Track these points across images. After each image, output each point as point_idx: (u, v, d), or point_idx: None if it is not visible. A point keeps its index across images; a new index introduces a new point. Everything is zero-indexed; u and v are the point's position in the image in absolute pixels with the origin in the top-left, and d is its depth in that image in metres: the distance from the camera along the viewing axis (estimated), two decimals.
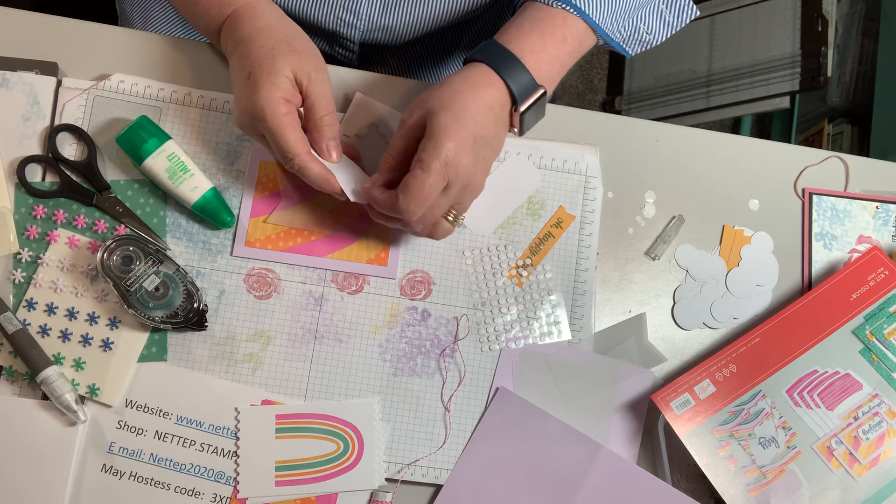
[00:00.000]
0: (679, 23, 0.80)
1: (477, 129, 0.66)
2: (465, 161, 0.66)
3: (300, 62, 0.68)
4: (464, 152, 0.65)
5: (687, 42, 1.83)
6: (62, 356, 0.73)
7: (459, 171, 0.66)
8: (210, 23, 0.74)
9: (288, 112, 0.67)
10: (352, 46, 0.91)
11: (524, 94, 0.69)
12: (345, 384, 0.76)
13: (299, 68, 0.68)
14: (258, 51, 0.68)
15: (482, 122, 0.67)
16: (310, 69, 0.68)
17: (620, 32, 0.77)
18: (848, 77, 1.64)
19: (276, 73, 0.67)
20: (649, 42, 0.80)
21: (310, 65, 0.68)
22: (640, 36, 0.79)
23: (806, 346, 0.77)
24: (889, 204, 0.84)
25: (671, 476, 0.76)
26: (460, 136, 0.65)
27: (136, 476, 0.73)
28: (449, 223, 0.71)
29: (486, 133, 0.67)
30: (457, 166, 0.65)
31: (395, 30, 0.88)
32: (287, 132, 0.67)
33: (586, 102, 1.94)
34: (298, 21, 0.88)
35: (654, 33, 0.80)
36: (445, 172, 0.65)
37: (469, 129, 0.66)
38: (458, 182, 0.67)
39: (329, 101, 0.70)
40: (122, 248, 0.72)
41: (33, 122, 0.76)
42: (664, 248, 0.82)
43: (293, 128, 0.67)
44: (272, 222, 0.77)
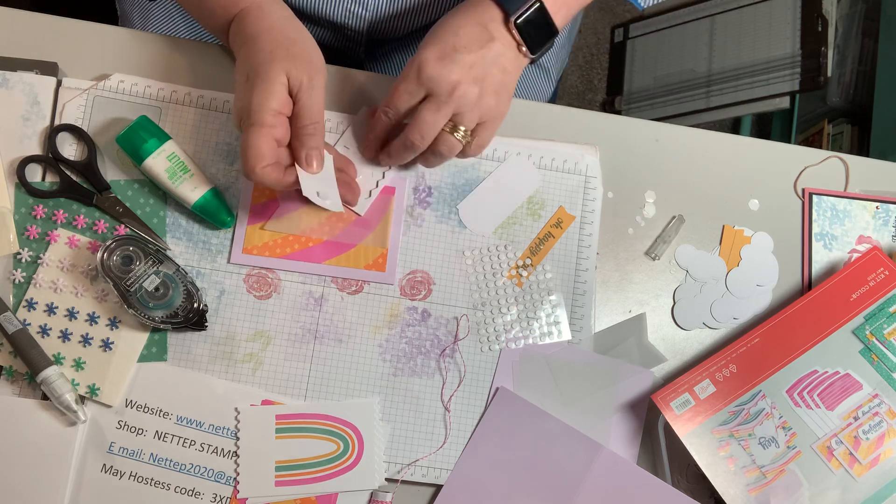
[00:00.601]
0: None
1: (456, 39, 0.67)
2: (441, 67, 0.66)
3: (295, 68, 0.67)
4: (439, 59, 0.66)
5: (687, 42, 1.83)
6: (62, 356, 0.73)
7: (436, 77, 0.66)
8: (217, 22, 0.74)
9: (274, 124, 0.66)
10: (359, 39, 0.91)
11: (513, 3, 0.68)
12: (345, 384, 0.76)
13: (293, 75, 0.67)
14: (257, 54, 0.68)
15: (463, 34, 0.67)
16: (304, 76, 0.67)
17: None
18: (848, 77, 1.64)
19: (271, 80, 0.66)
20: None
21: (305, 72, 0.67)
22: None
23: (806, 346, 0.77)
24: (889, 204, 0.84)
25: (671, 476, 0.76)
26: (437, 46, 0.67)
27: (136, 476, 0.73)
28: (455, 139, 0.70)
29: (469, 43, 0.67)
30: (430, 72, 0.66)
31: (401, 20, 0.88)
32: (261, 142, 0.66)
33: (586, 102, 1.95)
34: (307, 14, 0.88)
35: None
36: (418, 78, 0.67)
37: (447, 40, 0.67)
38: (441, 89, 0.67)
39: (315, 111, 0.68)
40: (122, 248, 0.72)
41: (33, 122, 0.76)
42: (664, 248, 0.82)
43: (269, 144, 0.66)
44: (269, 229, 0.77)
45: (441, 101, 0.67)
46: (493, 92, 0.69)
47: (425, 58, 0.67)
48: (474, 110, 0.69)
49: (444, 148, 0.71)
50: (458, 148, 0.71)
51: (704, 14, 1.82)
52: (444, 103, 0.67)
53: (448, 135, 0.70)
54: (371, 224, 0.78)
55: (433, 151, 0.72)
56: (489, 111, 0.70)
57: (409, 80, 0.68)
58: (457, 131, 0.70)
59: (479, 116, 0.70)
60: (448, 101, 0.67)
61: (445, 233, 0.79)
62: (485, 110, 0.69)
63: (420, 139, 0.70)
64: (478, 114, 0.69)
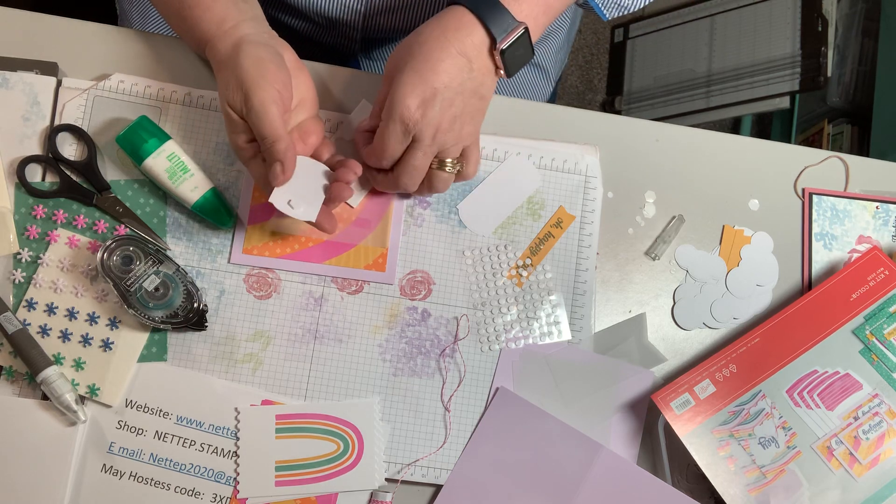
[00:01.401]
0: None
1: (438, 78, 0.66)
2: (425, 115, 0.67)
3: (231, 98, 0.68)
4: (423, 106, 0.66)
5: (687, 42, 1.83)
6: (62, 356, 0.73)
7: (421, 123, 0.67)
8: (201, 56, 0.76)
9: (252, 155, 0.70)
10: (354, 35, 0.91)
11: (502, 31, 0.68)
12: (345, 384, 0.76)
13: (232, 105, 0.68)
14: None
15: (446, 70, 0.67)
16: (238, 102, 0.67)
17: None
18: (848, 77, 1.64)
19: (226, 118, 0.70)
20: (627, 7, 0.80)
21: (237, 97, 0.67)
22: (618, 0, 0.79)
23: (806, 346, 0.77)
24: (889, 204, 0.84)
25: (671, 476, 0.76)
26: (417, 89, 0.66)
27: (136, 476, 0.73)
28: (446, 173, 0.72)
29: (452, 81, 0.67)
30: (417, 120, 0.67)
31: (395, 14, 0.87)
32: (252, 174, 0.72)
33: (586, 102, 1.95)
34: (300, 10, 0.88)
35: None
36: (404, 128, 0.67)
37: (429, 80, 0.66)
38: (426, 134, 0.68)
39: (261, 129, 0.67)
40: (122, 248, 0.72)
41: (33, 122, 0.76)
42: (664, 248, 0.82)
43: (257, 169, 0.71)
44: (269, 229, 0.77)
45: (426, 145, 0.68)
46: (470, 119, 0.70)
47: (408, 106, 0.66)
48: (457, 143, 0.71)
49: (440, 184, 0.73)
50: (452, 179, 0.73)
51: (704, 14, 1.82)
52: (429, 146, 0.69)
53: (439, 172, 0.72)
54: (371, 224, 0.78)
55: (429, 188, 0.73)
56: (469, 137, 0.71)
57: (397, 132, 0.68)
58: (445, 165, 0.71)
59: (461, 146, 0.72)
60: (432, 144, 0.69)
61: (445, 233, 0.79)
62: (465, 138, 0.71)
63: (411, 182, 0.71)
64: (460, 145, 0.71)
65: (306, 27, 0.93)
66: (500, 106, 0.81)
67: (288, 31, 0.96)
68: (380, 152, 0.70)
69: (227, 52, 0.70)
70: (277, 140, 0.66)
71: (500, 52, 0.68)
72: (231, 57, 0.69)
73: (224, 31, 0.71)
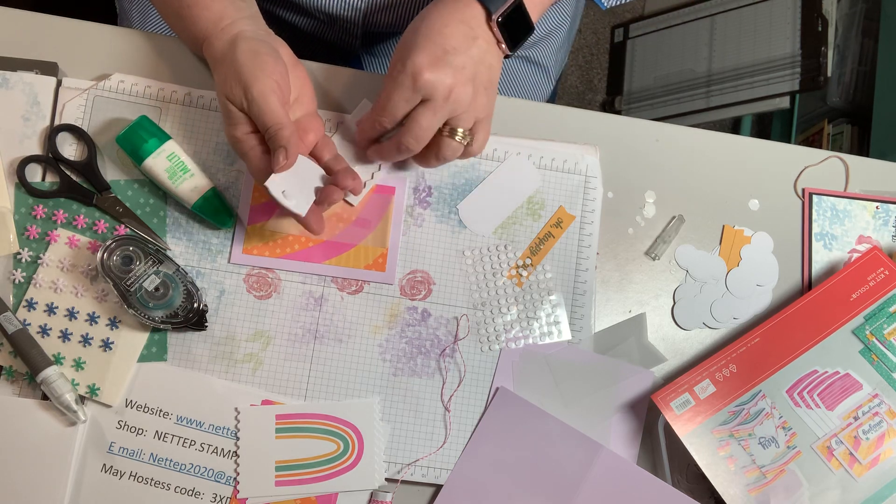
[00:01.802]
0: None
1: (445, 40, 0.66)
2: (437, 72, 0.65)
3: (230, 91, 0.68)
4: (434, 64, 0.65)
5: (687, 42, 1.83)
6: (62, 356, 0.73)
7: (433, 83, 0.65)
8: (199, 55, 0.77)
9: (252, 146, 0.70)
10: (355, 31, 0.91)
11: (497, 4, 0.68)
12: (345, 384, 0.76)
13: (232, 98, 0.69)
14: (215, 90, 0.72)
15: (451, 34, 0.67)
16: (239, 96, 0.68)
17: None
18: (848, 77, 1.64)
19: (224, 112, 0.70)
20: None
21: (238, 91, 0.68)
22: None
23: (806, 346, 0.77)
24: (889, 204, 0.84)
25: (671, 476, 0.76)
26: (428, 49, 0.66)
27: (136, 476, 0.73)
28: (456, 142, 0.70)
29: (458, 44, 0.67)
30: (427, 79, 0.65)
31: (395, 11, 0.88)
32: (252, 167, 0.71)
33: (586, 102, 1.95)
34: (301, 6, 0.88)
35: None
36: (414, 85, 0.66)
37: (437, 41, 0.66)
38: (437, 94, 0.66)
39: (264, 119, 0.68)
40: (122, 248, 0.72)
41: (33, 122, 0.76)
42: (664, 248, 0.82)
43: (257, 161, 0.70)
44: (269, 229, 0.77)
45: (438, 105, 0.67)
46: (483, 90, 0.69)
47: (419, 63, 0.65)
48: (470, 111, 0.69)
49: (448, 152, 0.71)
50: (460, 150, 0.71)
51: (704, 14, 1.82)
52: (441, 107, 0.67)
53: (449, 139, 0.70)
54: (371, 224, 0.78)
55: (437, 156, 0.71)
56: (483, 109, 0.70)
57: (405, 87, 0.66)
58: (455, 134, 0.70)
59: (474, 116, 0.70)
60: (444, 105, 0.67)
61: (445, 233, 0.79)
62: (479, 109, 0.70)
63: (416, 143, 0.69)
64: (473, 114, 0.70)
65: (308, 23, 0.94)
66: (500, 106, 0.81)
67: (290, 27, 0.96)
68: (383, 109, 0.68)
69: (223, 49, 0.70)
70: (282, 127, 0.67)
71: (496, 23, 0.69)
72: (227, 52, 0.70)
73: (221, 28, 0.71)
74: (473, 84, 0.68)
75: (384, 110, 0.68)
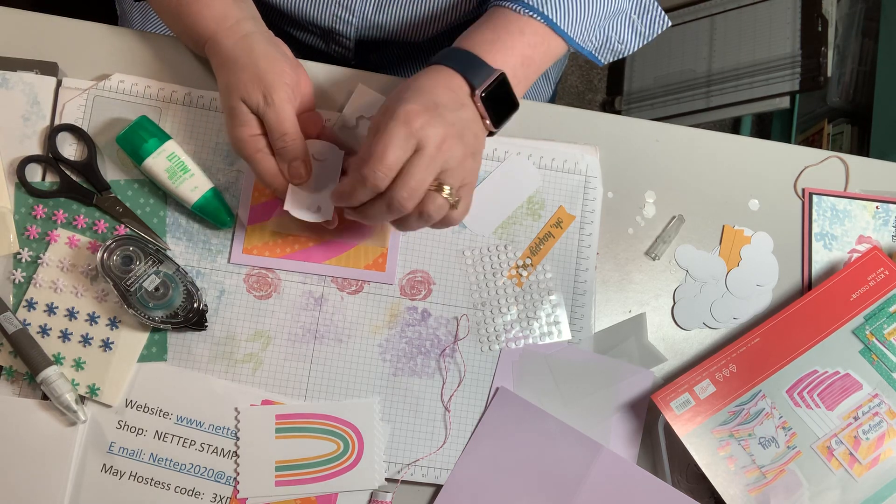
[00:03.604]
0: (651, 33, 0.81)
1: (436, 97, 0.65)
2: (430, 120, 0.62)
3: (247, 93, 0.68)
4: (426, 112, 0.62)
5: (687, 42, 1.83)
6: (62, 356, 0.73)
7: (426, 129, 0.62)
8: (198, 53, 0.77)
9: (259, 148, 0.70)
10: (347, 44, 0.91)
11: (478, 76, 0.67)
12: (345, 384, 0.76)
13: (248, 99, 0.68)
14: (220, 92, 0.71)
15: (441, 94, 0.65)
16: (257, 98, 0.68)
17: (592, 41, 0.77)
18: (848, 77, 1.64)
19: (235, 113, 0.69)
20: (621, 52, 0.81)
21: (257, 93, 0.68)
22: (611, 45, 0.79)
23: (806, 346, 0.77)
24: (889, 204, 0.84)
25: (671, 476, 0.76)
26: (420, 100, 0.63)
27: (136, 476, 0.73)
28: (443, 198, 0.64)
29: (448, 102, 0.65)
30: (421, 125, 0.62)
31: (388, 28, 0.88)
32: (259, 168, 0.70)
33: (586, 102, 1.95)
34: (295, 19, 0.88)
35: (625, 43, 0.80)
36: (409, 131, 0.62)
37: (427, 97, 0.64)
38: (430, 142, 0.62)
39: (281, 125, 0.68)
40: (122, 248, 0.72)
41: (33, 122, 0.76)
42: (664, 248, 0.82)
43: (265, 162, 0.70)
44: (269, 229, 0.77)
45: (431, 155, 0.62)
46: (471, 153, 0.66)
47: (412, 109, 0.62)
48: (458, 169, 0.65)
49: (433, 208, 0.64)
50: (446, 209, 0.65)
51: (704, 14, 1.81)
52: (434, 158, 0.63)
53: (436, 194, 0.64)
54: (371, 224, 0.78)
55: (419, 213, 0.65)
56: (469, 173, 0.67)
57: (399, 135, 0.62)
58: (443, 190, 0.64)
59: (461, 178, 0.66)
60: (436, 156, 0.63)
61: (445, 233, 0.79)
62: (466, 171, 0.66)
63: (409, 199, 0.63)
64: (461, 175, 0.65)
65: (301, 35, 0.94)
66: None
67: (283, 38, 0.96)
68: (379, 161, 0.62)
69: (234, 49, 0.70)
70: (296, 138, 0.69)
71: (479, 98, 0.67)
72: (242, 53, 0.70)
73: (227, 27, 0.71)
74: (462, 142, 0.65)
75: (379, 162, 0.62)
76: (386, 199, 0.64)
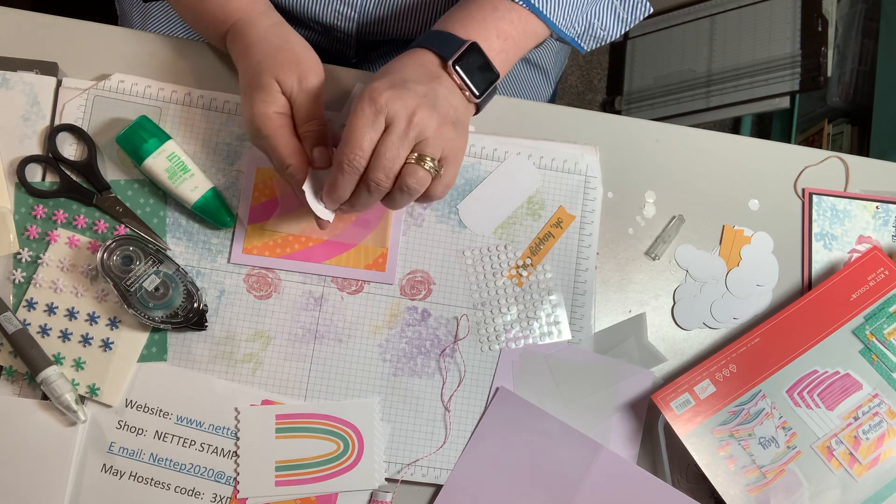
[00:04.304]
0: (633, 19, 0.80)
1: (405, 73, 0.65)
2: (397, 94, 0.63)
3: (283, 74, 0.68)
4: (393, 87, 0.63)
5: (687, 42, 1.83)
6: (62, 356, 0.73)
7: (393, 103, 0.62)
8: (214, 37, 0.77)
9: (282, 124, 0.69)
10: (349, 41, 0.91)
11: (448, 48, 0.68)
12: (345, 384, 0.76)
13: (283, 80, 0.69)
14: (247, 68, 0.70)
15: (410, 71, 0.66)
16: (292, 80, 0.68)
17: (574, 27, 0.77)
18: (848, 77, 1.64)
19: (265, 89, 0.68)
20: (604, 38, 0.80)
21: (293, 75, 0.69)
22: (594, 32, 0.79)
23: (806, 346, 0.77)
24: (889, 204, 0.84)
25: (671, 476, 0.76)
26: (386, 78, 0.64)
27: (136, 476, 0.73)
28: (424, 169, 0.64)
29: (418, 76, 0.66)
30: (387, 99, 0.62)
31: (388, 23, 0.88)
32: (279, 143, 0.68)
33: (586, 102, 1.94)
34: (295, 16, 0.88)
35: (608, 29, 0.80)
36: (375, 108, 0.62)
37: (395, 74, 0.65)
38: (399, 116, 0.62)
39: (311, 110, 0.69)
40: (122, 248, 0.72)
41: (33, 122, 0.76)
42: (664, 248, 0.82)
43: (286, 138, 0.68)
44: (269, 229, 0.77)
45: (401, 128, 0.63)
46: (450, 123, 0.65)
47: (376, 87, 0.63)
48: (435, 139, 0.64)
49: (413, 181, 0.64)
50: (428, 180, 0.65)
51: (704, 14, 1.81)
52: (405, 131, 0.63)
53: (415, 166, 0.64)
54: (371, 224, 0.78)
55: (400, 188, 0.65)
56: (450, 143, 0.65)
57: (365, 113, 0.63)
58: (423, 161, 0.64)
59: (441, 146, 0.65)
60: (409, 129, 0.63)
61: (445, 233, 0.79)
62: (446, 141, 0.65)
63: (385, 177, 0.64)
64: (440, 143, 0.65)
65: (302, 33, 0.94)
66: (500, 105, 0.81)
67: None
68: (349, 142, 0.63)
69: (269, 31, 0.72)
70: (324, 125, 0.69)
71: (453, 68, 0.67)
72: (278, 36, 0.71)
73: (259, 12, 0.73)
74: (438, 113, 0.64)
75: (349, 144, 0.63)
76: (364, 184, 0.65)
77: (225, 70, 0.80)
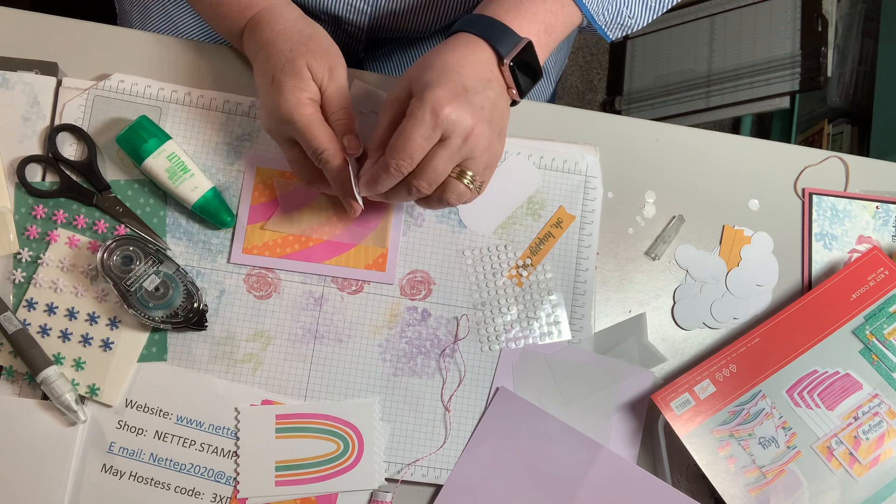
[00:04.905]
0: (661, 7, 0.79)
1: (463, 79, 0.64)
2: (459, 109, 0.62)
3: (316, 61, 0.68)
4: (455, 100, 0.62)
5: (687, 42, 1.83)
6: (62, 356, 0.73)
7: (455, 120, 0.62)
8: (232, 27, 0.75)
9: (314, 111, 0.68)
10: (359, 35, 0.91)
11: (505, 45, 0.67)
12: (345, 384, 0.76)
13: (314, 68, 0.68)
14: (278, 55, 0.69)
15: (468, 73, 0.64)
16: (324, 69, 0.68)
17: (604, 16, 0.76)
18: (848, 77, 1.64)
19: (298, 75, 0.68)
20: (631, 26, 0.79)
21: (324, 64, 0.69)
22: (622, 20, 0.78)
23: (806, 346, 0.77)
24: (889, 204, 0.84)
25: (671, 476, 0.76)
26: (447, 85, 0.62)
27: (136, 476, 0.73)
28: (464, 185, 0.65)
29: (476, 83, 0.64)
30: (448, 114, 0.61)
31: (400, 16, 0.88)
32: (315, 129, 0.67)
33: (586, 102, 1.95)
34: (308, 8, 0.88)
35: (636, 17, 0.78)
36: (435, 121, 0.61)
37: (455, 79, 0.63)
38: (456, 133, 0.62)
39: (342, 97, 0.70)
40: (122, 248, 0.72)
41: (33, 122, 0.76)
42: (664, 248, 0.82)
43: (321, 125, 0.68)
44: (269, 229, 0.77)
45: (455, 145, 0.63)
46: (498, 136, 0.66)
47: (441, 98, 0.61)
48: (484, 156, 0.65)
49: (453, 196, 0.66)
50: (466, 196, 0.67)
51: (704, 14, 1.82)
52: (458, 148, 0.63)
53: (457, 182, 0.65)
54: (371, 224, 0.78)
55: (439, 198, 0.67)
56: (495, 156, 0.67)
57: (424, 123, 0.62)
58: (464, 177, 0.65)
59: (486, 162, 0.66)
60: (462, 147, 0.63)
61: (445, 233, 0.79)
62: (492, 155, 0.66)
63: (428, 186, 0.65)
64: (486, 160, 0.66)
65: None
66: None
67: None
68: (401, 150, 0.62)
69: (297, 21, 0.71)
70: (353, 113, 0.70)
71: (508, 67, 0.67)
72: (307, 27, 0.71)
73: (283, 3, 0.73)
74: (491, 128, 0.65)
75: (402, 151, 0.62)
76: (406, 185, 0.65)
77: (225, 70, 0.80)
